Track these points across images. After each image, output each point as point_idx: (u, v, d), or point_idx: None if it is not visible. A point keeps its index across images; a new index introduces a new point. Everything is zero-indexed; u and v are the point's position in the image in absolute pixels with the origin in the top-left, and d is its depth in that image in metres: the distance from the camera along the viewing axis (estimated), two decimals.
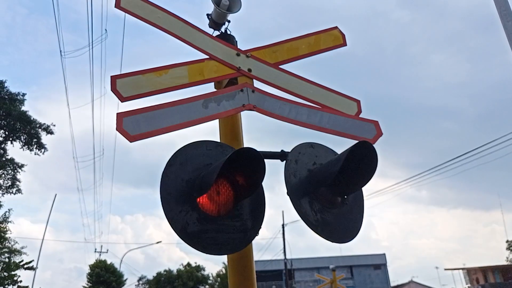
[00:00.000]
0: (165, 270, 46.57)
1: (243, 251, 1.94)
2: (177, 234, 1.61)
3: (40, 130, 19.15)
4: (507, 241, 45.91)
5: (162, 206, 1.63)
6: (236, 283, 1.99)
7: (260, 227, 1.85)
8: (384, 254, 43.67)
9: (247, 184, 1.77)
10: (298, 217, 1.85)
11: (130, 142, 1.84)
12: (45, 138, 19.52)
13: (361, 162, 1.85)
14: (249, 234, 1.79)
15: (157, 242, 44.91)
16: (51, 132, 19.42)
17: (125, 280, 34.12)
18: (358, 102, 2.60)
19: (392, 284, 44.03)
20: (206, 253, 1.65)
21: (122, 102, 2.04)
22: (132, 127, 1.85)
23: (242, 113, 2.43)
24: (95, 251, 36.91)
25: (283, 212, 37.73)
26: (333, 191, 1.96)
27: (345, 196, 1.99)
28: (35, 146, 19.25)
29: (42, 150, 19.39)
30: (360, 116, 2.56)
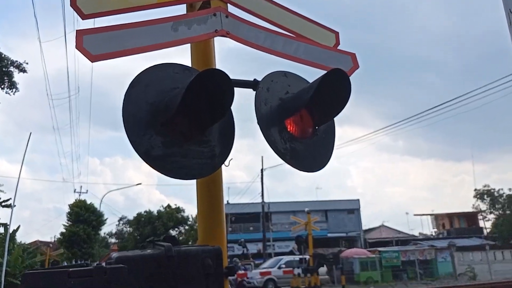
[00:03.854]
0: (145, 211, 47.66)
1: (212, 178, 1.93)
2: (141, 157, 1.57)
3: (12, 67, 18.27)
4: (474, 190, 48.41)
5: (125, 128, 1.57)
6: (204, 209, 2.00)
7: (229, 154, 1.82)
8: (358, 200, 45.61)
9: (214, 110, 1.71)
10: (277, 163, 1.84)
11: (92, 62, 1.73)
12: (17, 76, 18.68)
13: (334, 91, 1.81)
14: (217, 160, 1.77)
15: (137, 184, 45.48)
16: (24, 70, 18.56)
17: (106, 219, 34.76)
18: (336, 33, 2.51)
19: (364, 228, 46.44)
20: (172, 177, 1.62)
21: (83, 20, 1.89)
22: (94, 46, 1.73)
23: (216, 40, 2.31)
24: (75, 192, 37.11)
25: (262, 157, 38.29)
26: (304, 121, 1.93)
27: (316, 127, 1.97)
28: (7, 84, 18.45)
29: (13, 90, 18.64)
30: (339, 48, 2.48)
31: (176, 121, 1.69)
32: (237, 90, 1.79)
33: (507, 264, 28.83)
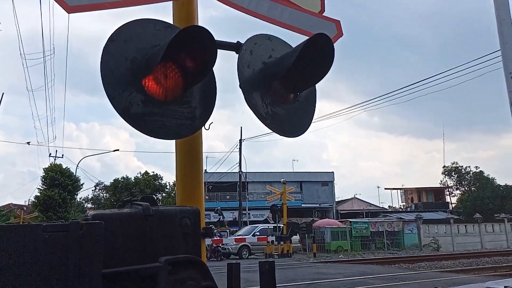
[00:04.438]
0: (122, 177, 47.26)
1: (192, 139, 1.92)
2: (120, 114, 1.53)
3: None
4: (443, 167, 50.26)
5: (103, 82, 1.52)
6: (183, 170, 2.00)
7: (209, 117, 1.81)
8: (332, 173, 46.58)
9: (196, 69, 1.68)
10: (256, 134, 1.83)
11: (68, 13, 1.64)
12: None
13: (317, 56, 1.79)
14: (197, 122, 1.75)
15: (114, 150, 44.79)
16: None
17: (82, 184, 34.33)
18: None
19: (337, 199, 47.73)
20: (152, 136, 1.60)
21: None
22: None
23: (199, 5, 2.24)
24: (50, 156, 36.19)
25: (241, 128, 38.25)
26: (286, 86, 1.92)
27: (298, 93, 1.97)
28: None
29: None
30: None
31: (157, 79, 1.65)
32: (218, 60, 1.75)
33: (469, 237, 30.46)
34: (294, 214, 34.19)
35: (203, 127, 2.05)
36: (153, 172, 48.05)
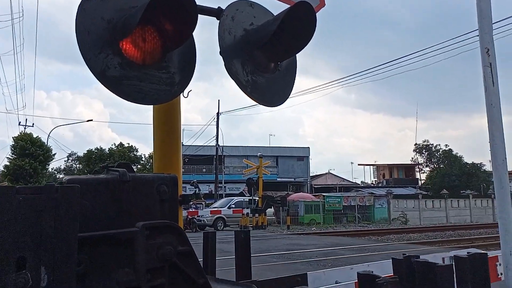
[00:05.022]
0: (96, 148, 46.35)
1: (170, 106, 1.89)
2: (96, 77, 1.49)
3: None
4: (415, 145, 51.79)
5: (78, 44, 1.46)
6: (161, 137, 1.97)
7: (188, 84, 1.78)
8: (308, 148, 47.21)
9: (175, 33, 1.63)
10: (234, 108, 1.81)
11: None
12: None
13: (299, 25, 1.78)
14: (176, 88, 1.72)
15: (88, 120, 43.68)
16: None
17: (54, 155, 33.48)
18: None
19: (312, 174, 48.64)
20: (129, 101, 1.57)
21: None
22: None
23: None
24: (19, 124, 34.92)
25: (219, 101, 37.89)
26: (267, 55, 1.90)
27: (279, 63, 1.96)
28: None
29: None
30: None
31: (135, 42, 1.60)
32: (197, 29, 1.70)
33: (435, 212, 31.85)
34: (269, 187, 34.68)
35: (181, 95, 2.02)
36: (128, 144, 47.31)
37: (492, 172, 1.66)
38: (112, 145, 47.63)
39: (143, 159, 46.66)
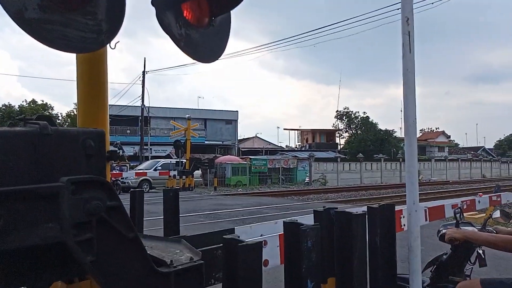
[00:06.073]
0: (4, 105, 41.92)
1: (96, 56, 1.78)
2: (12, 18, 1.34)
3: None
4: (336, 111, 54.77)
5: None
6: (85, 90, 1.86)
7: (116, 34, 1.67)
8: (237, 112, 47.49)
9: None
10: (160, 67, 1.74)
11: None
12: None
13: None
14: (103, 37, 1.61)
15: None
16: None
17: None
18: None
19: (239, 138, 49.32)
20: (52, 47, 1.44)
21: None
22: None
23: None
24: None
25: (144, 59, 36.06)
26: (201, 8, 1.85)
27: (213, 18, 1.92)
28: None
29: None
30: None
31: None
32: None
33: (352, 174, 34.49)
34: (197, 150, 34.56)
35: (108, 45, 1.91)
36: (42, 101, 43.42)
37: (404, 133, 1.85)
38: (23, 102, 43.37)
39: (60, 118, 43.34)
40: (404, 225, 3.53)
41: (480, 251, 2.49)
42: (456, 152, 61.19)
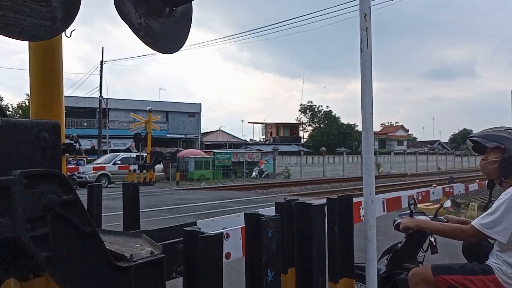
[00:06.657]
0: None
1: (51, 44, 1.70)
2: None
3: None
4: (300, 105, 55.55)
5: None
6: (39, 79, 1.78)
7: (72, 21, 1.61)
8: (200, 104, 47.01)
9: None
10: (119, 57, 1.69)
11: None
12: None
13: None
14: (58, 25, 1.54)
15: None
16: None
17: None
18: None
19: (203, 131, 48.85)
20: (2, 34, 1.36)
21: None
22: None
23: None
24: None
25: (102, 48, 34.73)
26: None
27: (174, 8, 1.89)
28: None
29: None
30: None
31: None
32: None
33: (315, 167, 35.20)
34: (159, 143, 33.92)
35: (63, 33, 1.84)
36: None
37: (361, 127, 1.91)
38: None
39: (10, 109, 41.06)
40: (362, 216, 3.66)
41: (432, 239, 2.63)
42: (414, 145, 63.86)
